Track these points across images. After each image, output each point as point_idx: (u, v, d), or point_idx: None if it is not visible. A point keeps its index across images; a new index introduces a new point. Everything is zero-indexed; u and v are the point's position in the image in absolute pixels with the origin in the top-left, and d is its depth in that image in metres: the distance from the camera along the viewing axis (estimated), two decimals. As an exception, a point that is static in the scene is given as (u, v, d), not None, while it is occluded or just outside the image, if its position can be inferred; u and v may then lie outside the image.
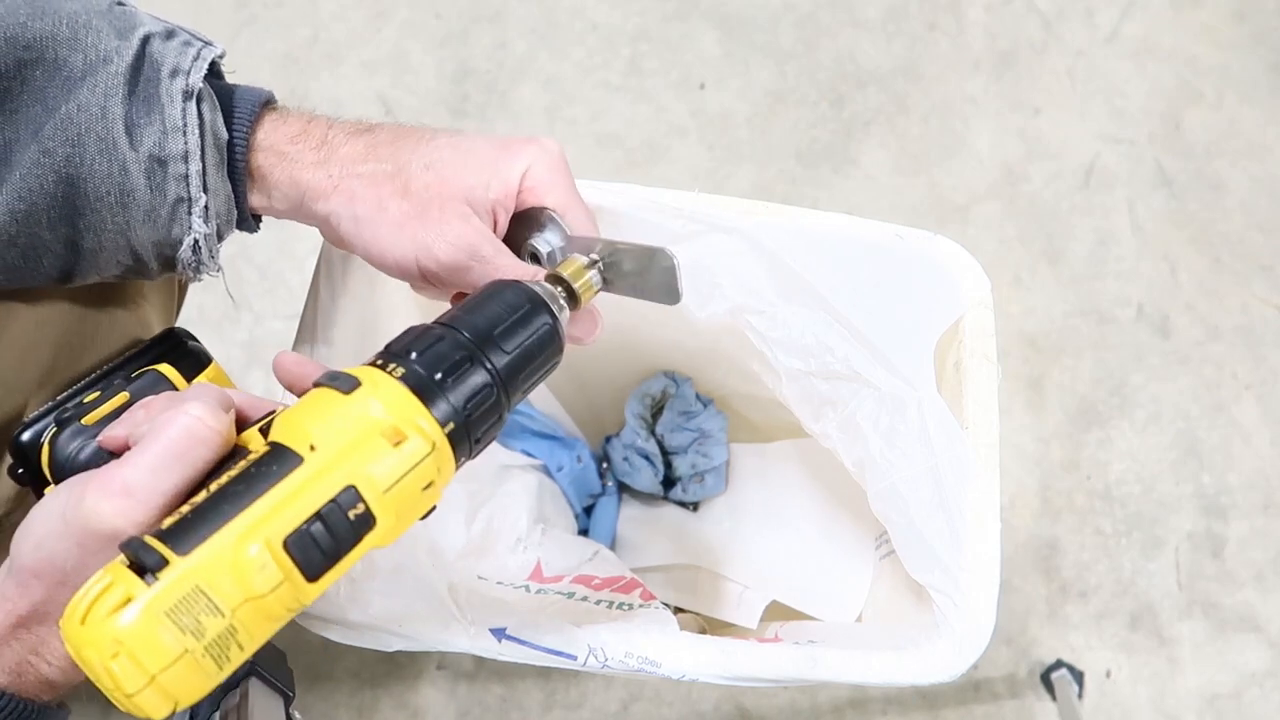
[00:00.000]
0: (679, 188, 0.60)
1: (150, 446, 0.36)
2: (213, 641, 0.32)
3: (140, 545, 0.33)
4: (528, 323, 0.43)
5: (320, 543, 0.34)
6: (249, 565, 0.33)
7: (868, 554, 0.72)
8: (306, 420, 0.37)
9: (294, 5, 1.26)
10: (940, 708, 0.99)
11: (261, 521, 0.34)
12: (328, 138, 0.47)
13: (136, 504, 0.35)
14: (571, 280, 0.47)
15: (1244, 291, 1.18)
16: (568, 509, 0.88)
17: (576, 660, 0.52)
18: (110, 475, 0.35)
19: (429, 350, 0.39)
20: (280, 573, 0.34)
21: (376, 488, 0.36)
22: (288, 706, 0.46)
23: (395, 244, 0.47)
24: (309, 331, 0.58)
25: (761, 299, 0.61)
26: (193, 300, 1.09)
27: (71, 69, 0.42)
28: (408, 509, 0.37)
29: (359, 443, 0.36)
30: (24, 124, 0.42)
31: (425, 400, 0.38)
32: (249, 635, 0.34)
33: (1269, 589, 1.05)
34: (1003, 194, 1.21)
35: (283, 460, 0.35)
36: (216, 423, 0.37)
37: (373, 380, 0.38)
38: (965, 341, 0.59)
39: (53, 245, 0.44)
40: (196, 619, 0.32)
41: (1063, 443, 1.10)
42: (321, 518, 0.34)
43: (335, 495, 0.35)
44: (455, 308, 0.43)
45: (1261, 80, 1.28)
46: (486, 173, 0.47)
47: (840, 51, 1.28)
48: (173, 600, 0.32)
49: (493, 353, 0.41)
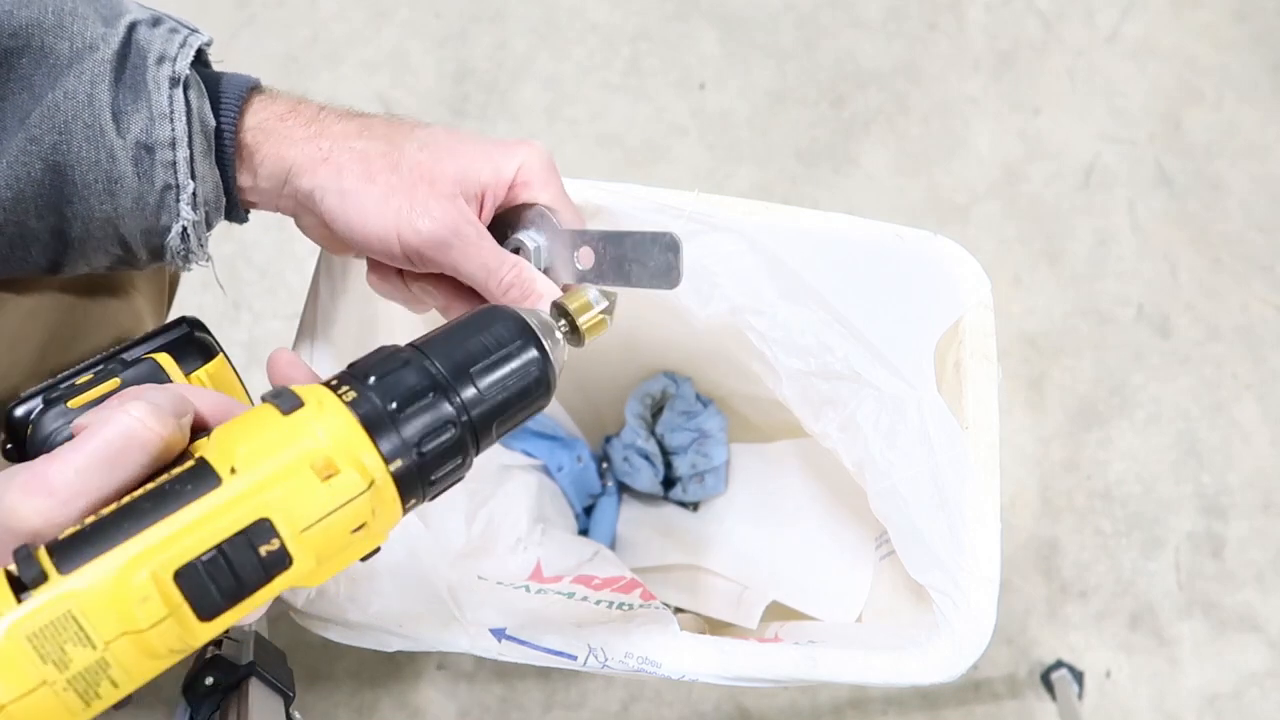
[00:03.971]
0: (679, 188, 0.60)
1: (83, 445, 0.33)
2: (78, 674, 0.29)
3: (25, 555, 0.30)
4: (512, 359, 0.38)
5: (217, 579, 0.31)
6: (131, 594, 0.29)
7: (868, 554, 0.72)
8: (237, 438, 0.33)
9: (294, 5, 1.26)
10: (940, 708, 0.99)
11: (156, 547, 0.30)
12: (319, 116, 0.47)
13: (57, 504, 0.32)
14: (576, 314, 0.44)
15: (1244, 291, 1.18)
16: (568, 509, 0.88)
17: (576, 660, 0.52)
18: (35, 471, 0.32)
19: (390, 375, 0.35)
20: (165, 607, 0.30)
21: (295, 524, 0.32)
22: (288, 706, 0.46)
23: (379, 215, 0.45)
24: (309, 331, 0.58)
25: (761, 299, 0.60)
26: (192, 300, 1.09)
27: (58, 56, 0.42)
28: (332, 551, 0.33)
29: (284, 472, 0.32)
30: (10, 112, 0.42)
31: (372, 432, 0.34)
32: (124, 672, 0.30)
33: (1269, 589, 1.05)
34: (1003, 194, 1.21)
35: (199, 480, 0.32)
36: (160, 426, 0.33)
37: (318, 401, 0.34)
38: (965, 341, 0.59)
39: (40, 234, 0.44)
40: (62, 648, 0.29)
41: (1063, 443, 1.10)
42: (224, 551, 0.31)
43: (245, 527, 0.31)
44: (436, 330, 0.39)
45: (1261, 80, 1.28)
46: (480, 160, 0.47)
47: (840, 51, 1.28)
48: (39, 624, 0.29)
49: (465, 388, 0.36)
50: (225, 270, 1.11)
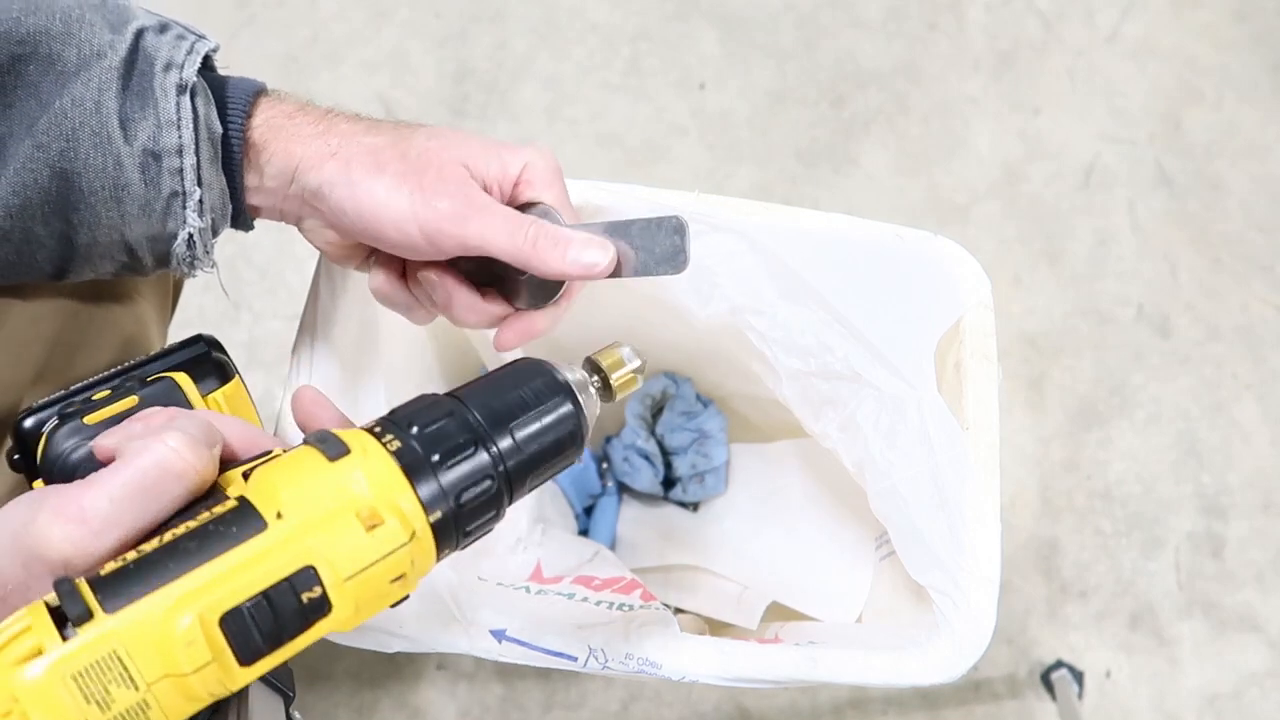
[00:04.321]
0: (679, 188, 0.60)
1: (118, 473, 0.32)
2: (120, 715, 0.29)
3: (70, 590, 0.29)
4: (549, 413, 0.39)
5: (261, 625, 0.30)
6: (176, 638, 0.29)
7: (868, 554, 0.72)
8: (281, 481, 0.33)
9: (294, 5, 1.26)
10: (940, 708, 0.99)
11: (202, 590, 0.30)
12: (327, 116, 0.47)
13: (90, 534, 0.31)
14: (609, 371, 0.44)
15: (1244, 291, 1.18)
16: (568, 509, 0.88)
17: (577, 661, 0.52)
18: (69, 497, 0.32)
19: (432, 426, 0.36)
20: (209, 652, 0.30)
21: (339, 573, 0.32)
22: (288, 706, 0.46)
23: (392, 199, 0.45)
24: (309, 332, 0.57)
25: (761, 299, 0.60)
26: (193, 300, 1.09)
27: (65, 63, 0.42)
28: (371, 600, 0.33)
29: (329, 519, 0.32)
30: (18, 119, 0.42)
31: (414, 481, 0.34)
32: (162, 714, 0.30)
33: (1269, 589, 1.05)
34: (1003, 194, 1.21)
35: (244, 522, 0.32)
36: (195, 458, 0.33)
37: (363, 448, 0.34)
38: (965, 341, 0.59)
39: (47, 240, 0.44)
40: (106, 688, 0.28)
41: (1063, 443, 1.10)
42: (269, 597, 0.31)
43: (290, 575, 0.31)
44: (474, 382, 0.40)
45: (1261, 80, 1.28)
46: (488, 154, 0.47)
47: (840, 51, 1.28)
48: (84, 663, 0.28)
49: (503, 440, 0.37)
50: (226, 271, 1.10)
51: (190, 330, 0.53)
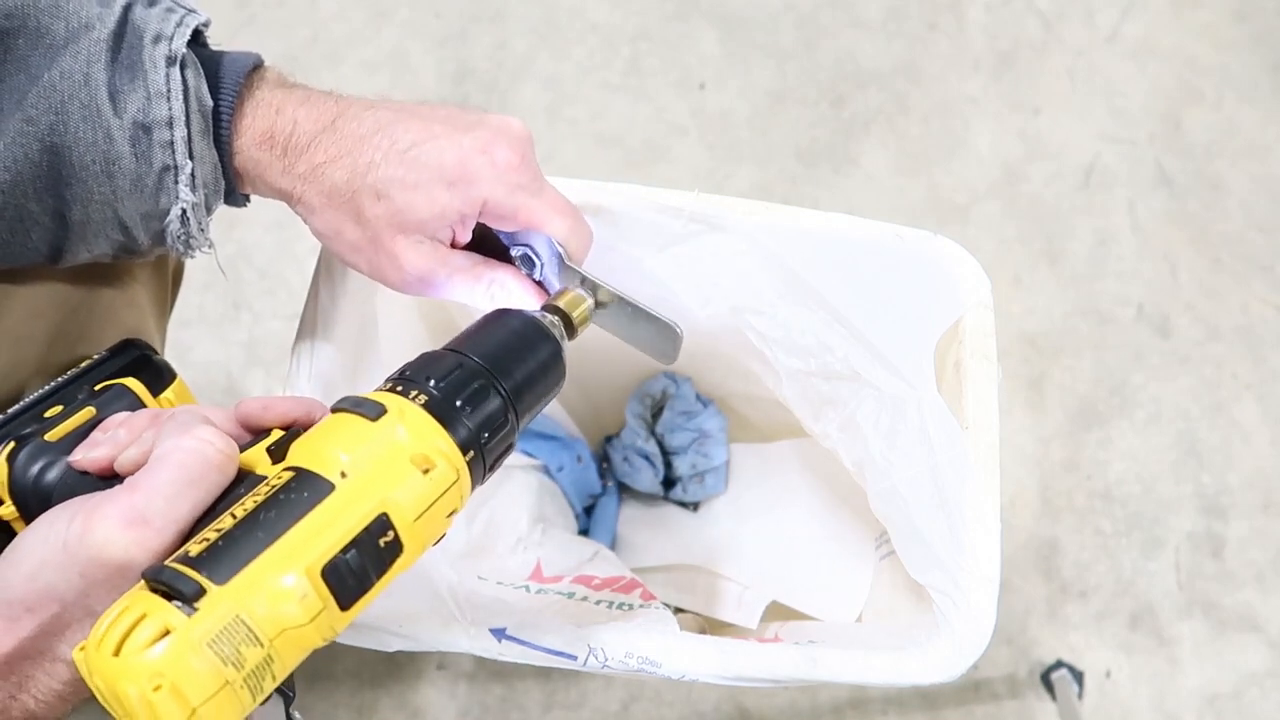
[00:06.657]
0: (679, 188, 0.60)
1: (161, 472, 0.35)
2: (251, 672, 0.32)
3: (175, 574, 0.32)
4: (536, 349, 0.44)
5: (355, 571, 0.34)
6: (288, 594, 0.33)
7: (868, 554, 0.72)
8: (333, 446, 0.37)
9: (294, 5, 1.26)
10: (940, 708, 0.99)
11: (299, 549, 0.34)
12: (303, 147, 0.47)
13: (153, 533, 0.34)
14: (568, 309, 0.49)
15: (1244, 291, 1.18)
16: (568, 509, 0.88)
17: (576, 660, 0.52)
18: (121, 502, 0.34)
19: (449, 377, 0.40)
20: (320, 601, 0.34)
21: (406, 516, 0.36)
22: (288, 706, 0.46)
23: (354, 264, 0.49)
24: (309, 331, 0.57)
25: (761, 299, 0.61)
26: (193, 300, 1.09)
27: (54, 36, 0.42)
28: (430, 536, 0.38)
29: (389, 470, 0.36)
30: (7, 93, 0.42)
31: (448, 427, 0.38)
32: (283, 665, 0.33)
33: (1269, 589, 1.05)
34: (1003, 194, 1.21)
35: (314, 487, 0.35)
36: (227, 446, 0.36)
37: (398, 407, 0.38)
38: (965, 341, 0.59)
39: (40, 217, 0.44)
40: (237, 649, 0.32)
41: (1063, 443, 1.10)
42: (356, 546, 0.35)
43: (368, 523, 0.35)
44: (463, 334, 0.44)
45: (1261, 80, 1.28)
46: (440, 202, 0.46)
47: (840, 51, 1.28)
48: (214, 631, 0.31)
49: (506, 379, 0.42)
50: (226, 272, 1.11)
51: (191, 330, 0.54)
